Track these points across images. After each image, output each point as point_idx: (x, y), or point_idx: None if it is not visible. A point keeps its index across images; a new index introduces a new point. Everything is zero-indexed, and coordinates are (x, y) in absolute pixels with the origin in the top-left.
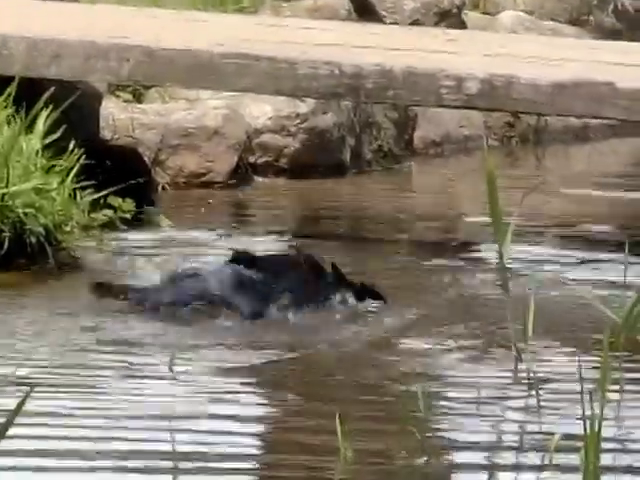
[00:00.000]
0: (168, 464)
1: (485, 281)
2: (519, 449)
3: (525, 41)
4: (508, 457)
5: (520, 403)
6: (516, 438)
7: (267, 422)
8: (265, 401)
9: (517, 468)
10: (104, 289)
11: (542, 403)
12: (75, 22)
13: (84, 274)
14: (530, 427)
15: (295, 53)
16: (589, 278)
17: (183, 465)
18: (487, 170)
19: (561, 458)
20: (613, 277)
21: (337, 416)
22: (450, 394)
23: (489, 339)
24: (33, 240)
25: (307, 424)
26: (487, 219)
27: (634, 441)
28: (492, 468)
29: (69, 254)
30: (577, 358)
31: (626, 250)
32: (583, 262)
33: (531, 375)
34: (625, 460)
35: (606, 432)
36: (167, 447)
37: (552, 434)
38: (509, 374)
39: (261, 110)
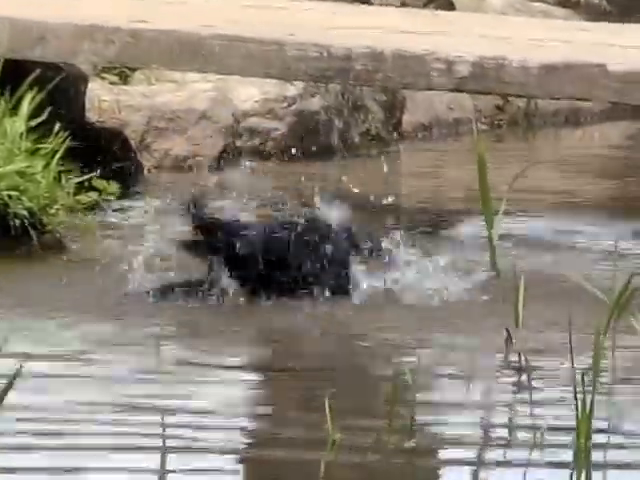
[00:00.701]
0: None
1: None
2: (510, 429)
3: (515, 23)
4: (499, 437)
5: (511, 385)
6: (507, 419)
7: None
8: None
9: (508, 447)
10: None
11: (533, 384)
12: (60, 3)
13: (67, 257)
14: (521, 409)
15: (283, 35)
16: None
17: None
18: (478, 154)
19: (552, 439)
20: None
21: (326, 400)
22: (440, 375)
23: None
24: (17, 223)
25: None
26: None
27: (625, 422)
28: (482, 448)
29: (54, 237)
30: (568, 339)
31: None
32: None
33: (522, 357)
34: (616, 439)
35: (597, 413)
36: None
37: (543, 416)
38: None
39: (248, 93)
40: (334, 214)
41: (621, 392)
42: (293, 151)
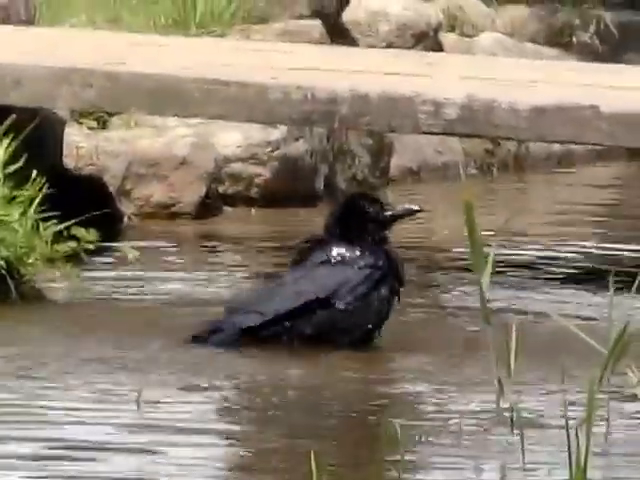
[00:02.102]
0: None
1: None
2: None
3: (505, 64)
4: None
5: (502, 439)
6: (499, 475)
7: None
8: None
9: None
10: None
11: (526, 439)
12: (36, 47)
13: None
14: (513, 463)
15: (266, 78)
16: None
17: None
18: (465, 202)
19: None
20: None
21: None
22: (431, 429)
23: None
24: None
25: None
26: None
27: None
28: None
29: (32, 287)
30: (562, 391)
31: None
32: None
33: (514, 410)
34: None
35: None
36: None
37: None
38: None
39: (231, 138)
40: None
41: (616, 445)
42: (277, 197)
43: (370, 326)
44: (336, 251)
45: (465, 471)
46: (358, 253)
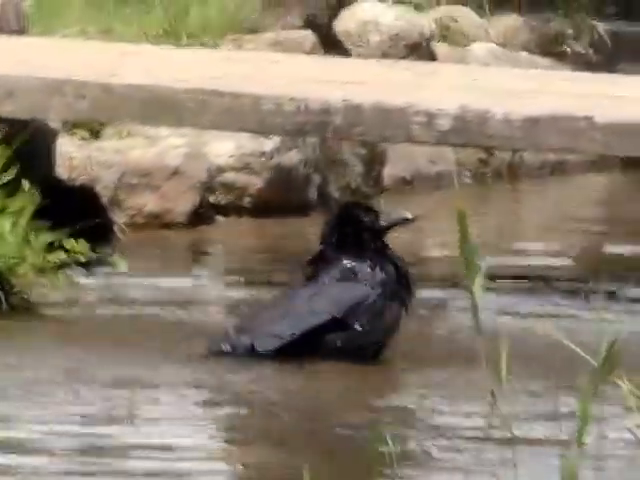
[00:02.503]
0: None
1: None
2: None
3: (498, 74)
4: None
5: (495, 451)
6: None
7: None
8: None
9: None
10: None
11: (519, 452)
12: (28, 57)
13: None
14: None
15: (259, 88)
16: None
17: None
18: (458, 212)
19: None
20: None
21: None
22: (424, 442)
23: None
24: None
25: None
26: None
27: None
28: None
29: (23, 298)
30: (553, 403)
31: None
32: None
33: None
34: None
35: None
36: None
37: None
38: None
39: (223, 147)
40: None
41: (609, 460)
42: (270, 207)
43: (382, 341)
44: (347, 267)
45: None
46: (369, 269)
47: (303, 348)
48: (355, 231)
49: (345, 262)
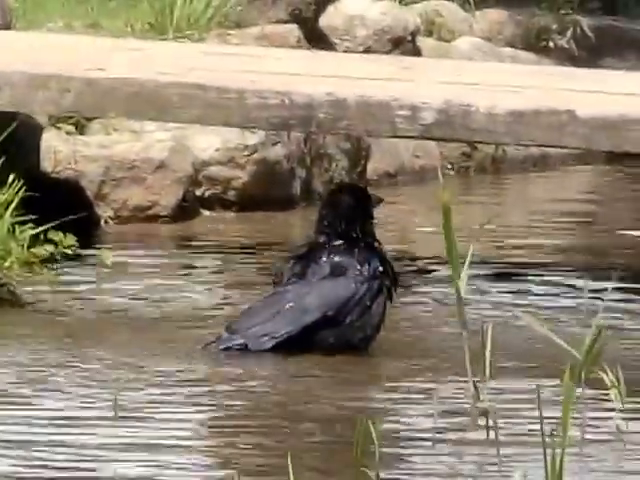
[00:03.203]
0: None
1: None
2: None
3: (482, 68)
4: None
5: (478, 442)
6: (474, 478)
7: None
8: None
9: None
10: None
11: (501, 440)
12: (13, 52)
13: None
14: (489, 466)
15: (244, 82)
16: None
17: None
18: (442, 206)
19: None
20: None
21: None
22: (407, 430)
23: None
24: None
25: None
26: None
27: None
28: None
29: (8, 290)
30: (538, 393)
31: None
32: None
33: (488, 413)
34: None
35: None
36: None
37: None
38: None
39: (208, 141)
40: None
41: (591, 448)
42: (255, 200)
43: (371, 334)
44: (337, 262)
45: (441, 472)
46: (358, 265)
47: (296, 345)
48: (348, 219)
49: (335, 257)
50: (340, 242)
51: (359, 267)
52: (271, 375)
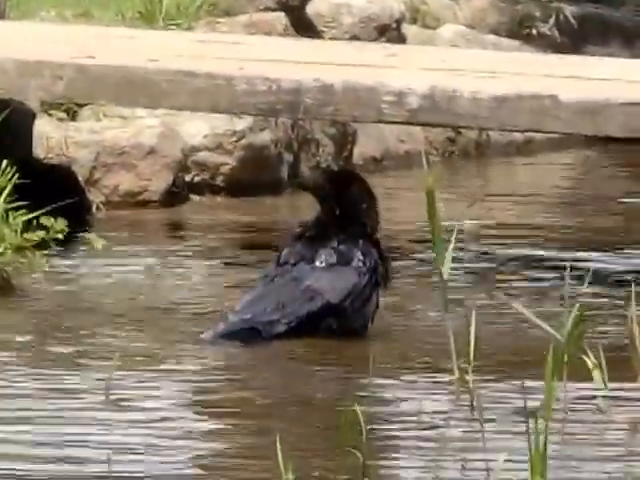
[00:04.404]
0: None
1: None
2: (463, 470)
3: (466, 55)
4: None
5: (463, 424)
6: (459, 459)
7: None
8: None
9: None
10: None
11: (486, 425)
12: (6, 40)
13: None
14: (474, 449)
15: (232, 69)
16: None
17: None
18: (427, 190)
19: (506, 478)
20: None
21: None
22: (391, 417)
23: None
24: None
25: None
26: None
27: (580, 460)
28: None
29: (2, 276)
30: (522, 377)
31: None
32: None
33: (473, 396)
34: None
35: (551, 452)
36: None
37: (497, 454)
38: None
39: (197, 128)
40: None
41: (574, 430)
42: (243, 185)
43: (369, 320)
44: (343, 251)
45: (426, 456)
46: (361, 256)
47: (300, 331)
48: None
49: (341, 246)
50: (346, 231)
51: (362, 258)
52: (261, 357)
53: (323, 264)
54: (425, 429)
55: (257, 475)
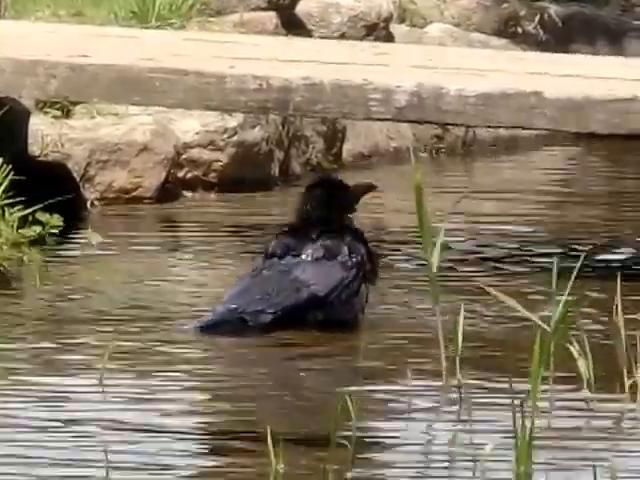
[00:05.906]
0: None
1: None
2: (450, 460)
3: (453, 53)
4: (439, 469)
5: (451, 415)
6: (447, 449)
7: None
8: None
9: (449, 477)
10: None
11: (473, 415)
12: (2, 40)
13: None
14: (461, 438)
15: (223, 67)
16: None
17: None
18: (415, 185)
19: (493, 468)
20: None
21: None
22: (379, 408)
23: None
24: None
25: None
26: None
27: (565, 449)
28: (423, 478)
29: None
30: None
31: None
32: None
33: (461, 387)
34: (557, 469)
35: (537, 442)
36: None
37: (483, 444)
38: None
39: (189, 125)
40: None
41: (560, 418)
42: (234, 182)
43: (356, 314)
44: (329, 245)
45: (415, 446)
46: (347, 251)
47: (287, 321)
48: (331, 207)
49: (327, 241)
50: (331, 228)
51: (349, 253)
52: (248, 347)
53: (309, 258)
54: (413, 420)
55: (248, 465)
